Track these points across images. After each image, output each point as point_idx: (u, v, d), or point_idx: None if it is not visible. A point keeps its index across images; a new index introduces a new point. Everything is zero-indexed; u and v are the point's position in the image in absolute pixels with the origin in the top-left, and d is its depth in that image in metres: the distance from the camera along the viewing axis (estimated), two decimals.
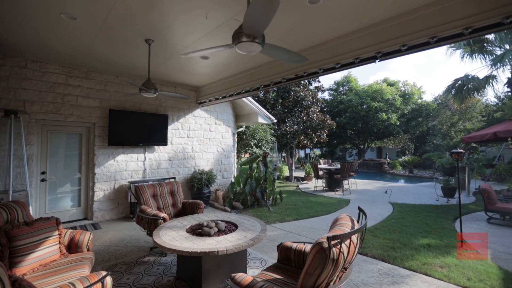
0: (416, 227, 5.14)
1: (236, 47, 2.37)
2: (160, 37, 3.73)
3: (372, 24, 3.29)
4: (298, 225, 5.32)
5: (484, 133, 6.34)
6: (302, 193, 9.04)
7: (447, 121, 20.68)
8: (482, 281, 3.06)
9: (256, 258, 3.67)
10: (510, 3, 2.39)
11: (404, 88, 21.03)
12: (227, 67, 5.16)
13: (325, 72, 4.01)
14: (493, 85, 10.09)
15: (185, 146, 6.79)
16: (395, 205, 7.10)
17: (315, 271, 1.59)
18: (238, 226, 3.10)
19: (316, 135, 11.71)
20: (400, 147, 22.50)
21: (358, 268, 3.41)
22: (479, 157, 11.45)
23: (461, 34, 2.73)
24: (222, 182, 7.72)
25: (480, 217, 5.93)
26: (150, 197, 4.16)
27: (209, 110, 7.39)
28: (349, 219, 2.01)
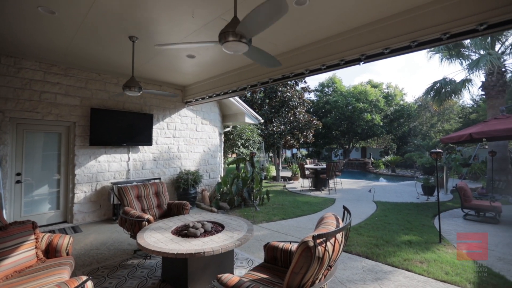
0: (398, 224, 5.31)
1: (222, 46, 2.35)
2: (145, 34, 3.64)
3: (356, 27, 3.37)
4: (284, 225, 5.36)
5: (461, 134, 6.66)
6: (288, 193, 9.11)
7: (427, 122, 21.55)
8: (459, 274, 3.20)
9: (243, 258, 3.66)
10: (483, 11, 2.52)
11: (387, 90, 21.70)
12: (214, 67, 5.11)
13: (311, 73, 4.06)
14: (469, 88, 10.60)
15: (171, 146, 6.67)
16: (378, 203, 7.31)
17: (301, 269, 1.61)
18: (225, 227, 3.08)
19: (302, 135, 11.85)
20: (383, 147, 23.20)
21: (343, 265, 3.49)
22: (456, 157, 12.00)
23: (440, 39, 2.85)
24: (209, 182, 7.65)
25: (457, 213, 6.21)
26: (134, 198, 4.05)
27: (196, 110, 7.30)
28: (334, 217, 2.05)
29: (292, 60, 4.14)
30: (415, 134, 21.05)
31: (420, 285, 2.99)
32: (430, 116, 21.34)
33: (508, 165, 9.24)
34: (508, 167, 9.24)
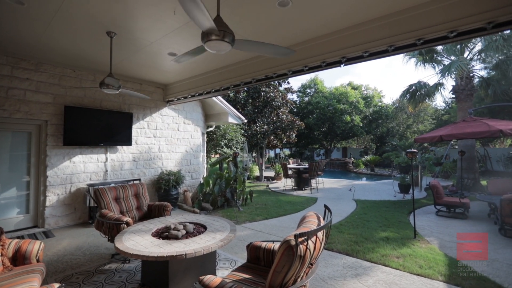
0: (377, 221, 5.51)
1: (205, 45, 2.33)
2: (124, 30, 3.51)
3: (337, 30, 3.46)
4: (268, 224, 5.39)
5: (433, 136, 7.06)
6: (272, 193, 9.17)
7: (404, 123, 22.55)
8: (431, 268, 3.38)
9: (226, 259, 3.64)
10: (454, 20, 2.68)
11: (366, 91, 22.47)
12: (197, 65, 5.04)
13: (294, 73, 4.11)
14: (441, 91, 11.23)
15: (152, 146, 6.48)
16: (358, 201, 7.54)
17: (283, 268, 1.62)
18: (207, 228, 3.04)
19: (285, 135, 11.98)
20: (363, 147, 23.99)
21: (325, 263, 3.56)
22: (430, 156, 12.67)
23: (415, 44, 3.00)
24: (191, 183, 7.52)
25: (430, 210, 6.55)
26: (112, 200, 3.89)
27: (178, 109, 7.16)
28: (316, 216, 2.08)
29: (275, 61, 4.17)
30: (393, 134, 21.95)
31: (396, 279, 3.12)
32: (406, 118, 22.35)
33: (475, 164, 9.89)
34: (475, 166, 9.89)
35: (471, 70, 9.97)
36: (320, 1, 2.82)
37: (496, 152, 15.84)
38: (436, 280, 3.11)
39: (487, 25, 2.55)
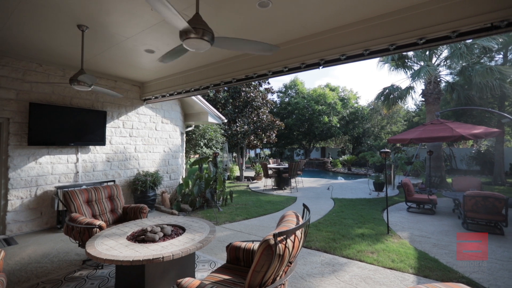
0: (353, 219, 5.72)
1: (183, 42, 2.28)
2: (96, 24, 3.33)
3: (316, 33, 3.54)
4: (248, 224, 5.38)
5: (404, 138, 7.51)
6: (252, 193, 9.19)
7: (378, 124, 23.60)
8: (403, 261, 3.57)
9: (205, 260, 3.58)
10: (422, 28, 2.85)
11: (343, 93, 23.24)
12: (175, 63, 4.91)
13: (274, 74, 4.15)
14: (412, 95, 11.93)
15: (127, 146, 6.23)
16: (336, 200, 7.78)
17: (262, 268, 1.63)
18: (186, 229, 2.97)
19: (266, 136, 12.06)
20: (340, 147, 24.76)
21: (303, 260, 3.63)
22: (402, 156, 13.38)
23: (387, 49, 3.14)
24: (170, 184, 7.33)
25: (402, 207, 6.92)
26: (83, 203, 3.68)
27: (155, 108, 6.94)
28: (295, 215, 2.11)
29: (255, 61, 4.18)
30: (368, 135, 22.89)
31: (371, 274, 3.25)
32: (381, 119, 23.42)
33: (442, 163, 10.59)
34: (442, 165, 10.59)
35: (438, 75, 10.66)
36: (299, 4, 2.87)
37: (460, 152, 17.09)
38: (407, 272, 3.29)
39: (452, 33, 2.74)
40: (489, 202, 4.76)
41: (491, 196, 4.77)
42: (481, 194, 4.87)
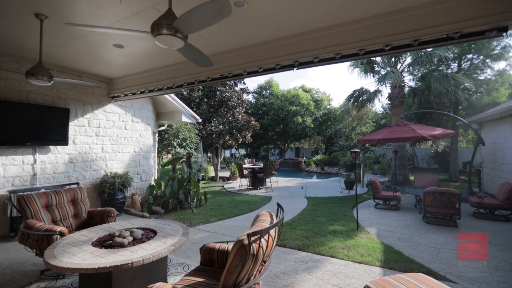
0: (325, 216, 5.92)
1: (155, 38, 2.19)
2: (57, 14, 3.08)
3: (290, 35, 3.60)
4: (222, 225, 5.33)
5: (372, 138, 7.98)
6: (227, 193, 9.12)
7: (349, 125, 24.69)
8: (371, 255, 3.76)
9: (178, 264, 3.48)
10: (389, 35, 3.03)
11: (316, 95, 23.99)
12: (147, 60, 4.72)
13: (249, 74, 4.15)
14: (380, 98, 12.67)
15: (93, 146, 5.84)
16: (309, 198, 7.99)
17: (236, 268, 1.62)
18: (157, 232, 2.86)
19: (241, 136, 12.04)
20: (314, 147, 25.52)
21: (278, 259, 3.67)
22: (370, 156, 14.14)
23: (357, 54, 3.30)
24: (140, 185, 7.01)
25: (371, 204, 7.30)
26: (41, 208, 3.39)
27: (125, 106, 6.60)
28: (269, 214, 2.13)
29: (231, 61, 4.15)
30: (340, 135, 23.85)
31: (341, 269, 3.39)
32: (351, 120, 24.52)
33: (405, 162, 11.37)
34: (406, 164, 11.37)
35: (402, 81, 11.43)
36: (274, 7, 2.90)
37: (421, 151, 18.50)
38: (374, 266, 3.47)
39: (414, 42, 2.95)
40: (445, 198, 5.20)
41: (447, 192, 5.22)
42: (439, 190, 5.31)
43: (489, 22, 2.58)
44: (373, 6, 2.90)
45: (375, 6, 2.89)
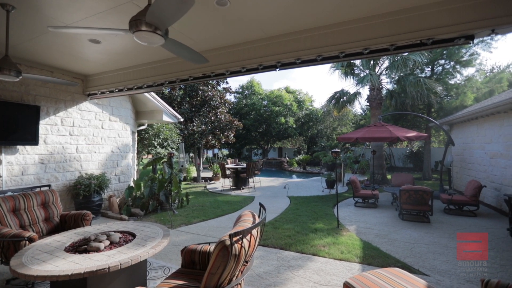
0: (307, 215, 6.02)
1: (133, 35, 2.12)
2: (26, 4, 2.89)
3: (274, 35, 3.62)
4: (205, 226, 5.26)
5: (351, 137, 8.26)
6: (209, 194, 9.02)
7: (330, 126, 25.29)
8: (350, 252, 3.88)
9: (159, 267, 3.39)
10: (368, 39, 3.14)
11: (299, 95, 24.36)
12: (126, 57, 4.54)
13: (232, 74, 4.13)
14: (359, 99, 13.08)
15: (67, 146, 5.54)
16: (292, 198, 8.09)
17: (218, 269, 1.60)
18: (136, 235, 2.77)
19: (224, 136, 11.95)
20: (296, 147, 25.86)
21: (261, 259, 3.68)
22: (350, 155, 14.57)
23: (338, 56, 3.39)
24: (119, 187, 6.75)
25: (351, 202, 7.53)
26: (7, 213, 3.16)
27: (102, 104, 6.32)
28: (251, 215, 2.13)
29: (214, 60, 4.10)
30: (322, 136, 24.35)
31: (323, 266, 3.46)
32: (333, 121, 25.13)
33: (383, 162, 11.84)
34: (383, 163, 11.85)
35: (380, 83, 11.89)
36: (257, 6, 2.90)
37: (398, 151, 19.35)
38: (353, 262, 3.58)
39: (390, 46, 3.08)
40: (419, 195, 5.48)
41: (421, 190, 5.50)
42: (413, 188, 5.58)
43: (458, 30, 2.75)
44: (353, 10, 2.99)
45: (355, 10, 2.98)
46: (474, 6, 2.67)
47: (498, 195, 6.38)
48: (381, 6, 2.91)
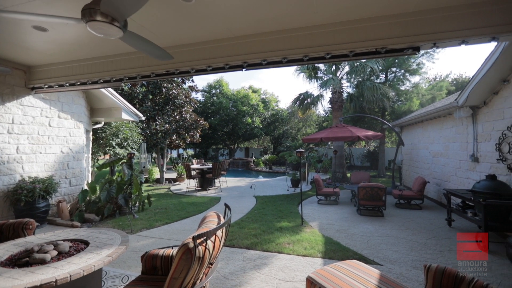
0: (273, 214, 6.13)
1: (87, 25, 1.94)
2: None
3: (240, 36, 3.62)
4: (168, 229, 5.05)
5: (315, 137, 8.64)
6: (173, 195, 8.69)
7: (295, 127, 26.13)
8: (313, 248, 4.04)
9: (116, 275, 3.16)
10: (330, 44, 3.31)
11: (265, 96, 24.74)
12: (79, 48, 4.15)
13: (197, 72, 4.02)
14: (322, 102, 13.75)
15: (4, 146, 4.88)
16: (258, 197, 8.17)
17: (181, 273, 1.54)
18: (90, 243, 2.54)
19: (189, 135, 11.61)
20: (263, 147, 26.23)
21: (226, 260, 3.65)
22: (314, 155, 15.23)
23: (302, 59, 3.51)
24: (70, 191, 6.14)
25: (314, 200, 7.86)
26: None
27: (50, 99, 5.69)
28: (216, 215, 2.10)
29: (178, 57, 3.96)
30: (287, 136, 25.04)
31: (287, 263, 3.55)
32: (297, 122, 26.01)
33: (344, 161, 12.59)
34: (344, 162, 12.59)
35: (341, 87, 12.63)
36: (223, 4, 2.86)
37: (357, 151, 20.75)
38: (316, 257, 3.74)
39: (350, 53, 3.28)
40: (375, 191, 5.94)
41: (376, 187, 5.96)
42: (369, 185, 6.02)
43: (406, 42, 3.05)
44: (316, 16, 3.12)
45: (318, 16, 3.11)
46: (419, 21, 2.99)
47: (439, 190, 7.21)
48: (342, 14, 3.09)
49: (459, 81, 21.05)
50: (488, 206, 4.00)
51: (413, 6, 2.91)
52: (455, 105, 5.61)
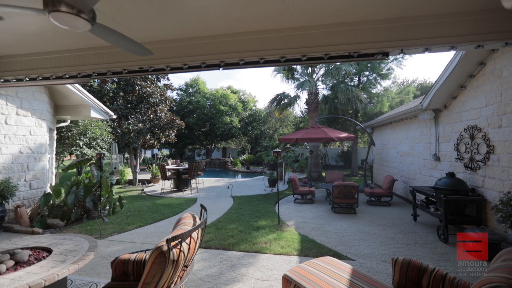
0: (250, 214, 6.14)
1: (49, 16, 1.80)
2: None
3: (217, 34, 3.57)
4: (141, 233, 4.85)
5: (291, 137, 8.83)
6: (147, 197, 8.37)
7: (273, 127, 26.40)
8: (289, 246, 4.11)
9: (83, 284, 2.96)
10: (305, 47, 3.38)
11: (243, 96, 24.72)
12: (42, 40, 3.83)
13: (172, 70, 3.91)
14: (299, 102, 14.02)
15: None
16: (235, 198, 8.14)
17: (154, 278, 1.48)
18: (53, 250, 2.36)
19: (164, 135, 11.25)
20: (240, 147, 26.18)
21: (203, 262, 3.59)
22: (291, 155, 15.50)
23: (279, 60, 3.55)
24: (30, 194, 5.66)
25: (291, 199, 7.99)
26: None
27: (6, 95, 5.20)
28: (192, 217, 2.05)
29: (153, 53, 3.81)
30: (264, 136, 25.23)
31: (264, 262, 3.57)
32: (275, 122, 26.30)
33: (319, 161, 12.95)
34: (319, 162, 12.96)
35: (317, 89, 12.99)
36: (198, 1, 2.81)
37: (331, 151, 21.46)
38: (292, 255, 3.81)
39: (325, 55, 3.38)
40: (348, 190, 6.18)
41: (349, 185, 6.21)
42: (343, 184, 6.26)
43: (376, 47, 3.21)
44: (293, 19, 3.18)
45: (294, 19, 3.17)
46: (388, 29, 3.16)
47: (405, 187, 7.69)
48: (318, 18, 3.17)
49: (423, 86, 22.66)
50: (448, 202, 4.34)
51: (383, 14, 3.08)
52: (420, 108, 6.02)
